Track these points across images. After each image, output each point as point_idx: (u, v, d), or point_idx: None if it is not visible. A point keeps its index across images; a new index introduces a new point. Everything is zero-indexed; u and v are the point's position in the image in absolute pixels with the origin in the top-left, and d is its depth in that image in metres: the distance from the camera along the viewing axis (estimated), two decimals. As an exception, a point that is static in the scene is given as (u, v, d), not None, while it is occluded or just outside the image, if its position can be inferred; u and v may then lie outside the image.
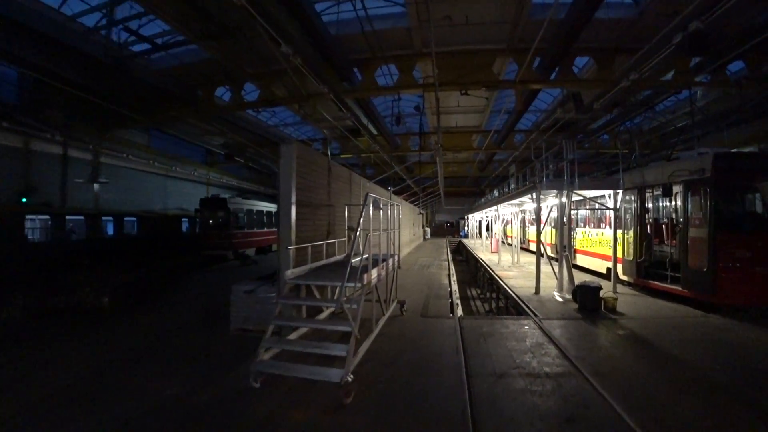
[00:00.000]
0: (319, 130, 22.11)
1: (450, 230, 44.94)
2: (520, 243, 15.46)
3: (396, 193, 27.09)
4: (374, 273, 5.50)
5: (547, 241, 16.23)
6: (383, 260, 6.72)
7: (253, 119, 19.75)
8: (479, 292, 17.57)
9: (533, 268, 14.13)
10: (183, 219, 24.65)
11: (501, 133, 17.87)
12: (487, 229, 25.93)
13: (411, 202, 27.66)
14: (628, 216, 9.45)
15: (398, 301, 7.49)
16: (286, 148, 6.16)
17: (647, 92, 11.48)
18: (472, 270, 22.22)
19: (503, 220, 18.68)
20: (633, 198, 9.18)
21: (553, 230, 15.37)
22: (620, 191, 8.89)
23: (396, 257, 7.53)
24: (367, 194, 5.30)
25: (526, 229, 19.89)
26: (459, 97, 15.32)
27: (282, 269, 5.62)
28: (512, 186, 15.63)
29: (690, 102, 10.51)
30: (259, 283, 6.95)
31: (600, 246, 10.87)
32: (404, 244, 20.15)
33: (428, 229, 36.50)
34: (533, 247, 19.40)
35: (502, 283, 10.76)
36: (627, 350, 5.38)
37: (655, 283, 8.52)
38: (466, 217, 38.28)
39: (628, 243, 9.30)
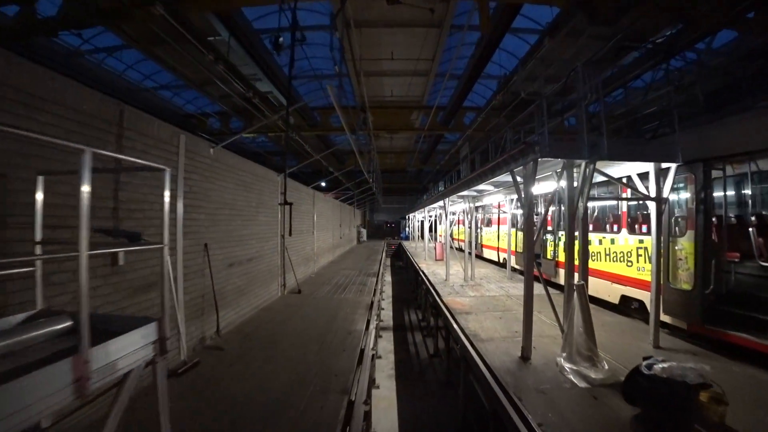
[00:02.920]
0: (214, 101, 16.36)
1: (391, 231, 40.81)
2: (471, 248, 11.37)
3: (327, 190, 21.99)
4: None
5: (504, 247, 12.14)
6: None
7: (97, 71, 13.43)
8: (420, 317, 13.12)
9: (496, 288, 9.47)
10: None
11: (450, 104, 13.65)
12: (431, 231, 21.83)
13: (341, 200, 22.74)
14: (676, 211, 5.41)
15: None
16: None
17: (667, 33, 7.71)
18: (412, 281, 17.86)
19: (451, 220, 14.46)
20: (692, 180, 5.11)
21: (520, 232, 11.35)
22: (673, 166, 4.75)
23: (162, 323, 2.50)
24: None
25: (480, 231, 15.88)
26: (393, 42, 10.73)
27: None
28: (463, 174, 11.32)
29: (738, 45, 6.87)
30: None
31: (607, 261, 6.81)
32: (326, 250, 15.20)
33: (364, 231, 31.77)
34: (488, 254, 15.46)
35: (455, 326, 6.24)
36: None
37: (743, 336, 4.47)
38: (407, 217, 34.28)
39: (678, 260, 5.23)
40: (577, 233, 4.69)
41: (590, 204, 7.48)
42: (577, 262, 4.68)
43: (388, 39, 10.46)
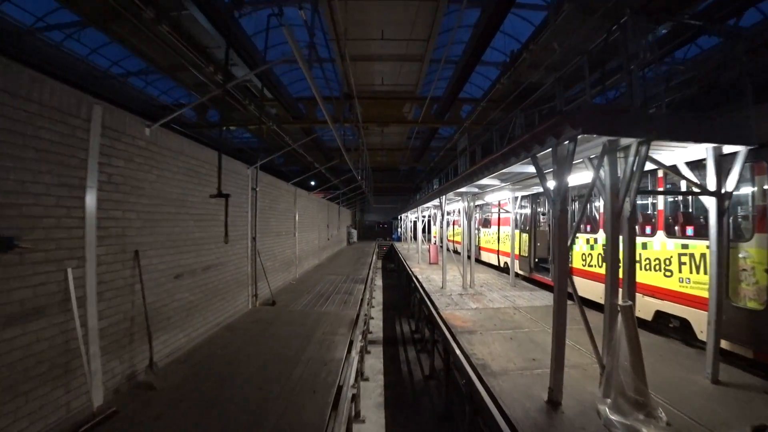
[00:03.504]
0: (190, 90, 14.96)
1: (383, 232, 39.65)
2: (471, 251, 10.19)
3: (315, 188, 20.66)
4: None
5: (505, 249, 10.95)
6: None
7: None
8: (414, 328, 11.95)
9: (499, 297, 8.24)
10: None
11: (446, 94, 12.49)
12: (424, 232, 20.67)
13: (330, 199, 21.48)
14: (741, 210, 4.32)
15: None
16: None
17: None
18: (405, 287, 16.69)
19: (447, 220, 13.32)
20: (763, 170, 4.02)
21: (524, 234, 10.27)
22: (742, 151, 3.64)
23: None
24: None
25: (477, 232, 14.73)
26: (383, 19, 9.52)
27: None
28: (462, 169, 10.16)
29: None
30: None
31: (636, 269, 5.70)
32: (310, 253, 13.94)
33: (354, 231, 30.49)
34: (486, 257, 13.91)
35: (458, 351, 5.07)
36: None
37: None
38: (399, 218, 33.15)
39: (741, 270, 4.13)
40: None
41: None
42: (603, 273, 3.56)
43: (377, 15, 9.26)
